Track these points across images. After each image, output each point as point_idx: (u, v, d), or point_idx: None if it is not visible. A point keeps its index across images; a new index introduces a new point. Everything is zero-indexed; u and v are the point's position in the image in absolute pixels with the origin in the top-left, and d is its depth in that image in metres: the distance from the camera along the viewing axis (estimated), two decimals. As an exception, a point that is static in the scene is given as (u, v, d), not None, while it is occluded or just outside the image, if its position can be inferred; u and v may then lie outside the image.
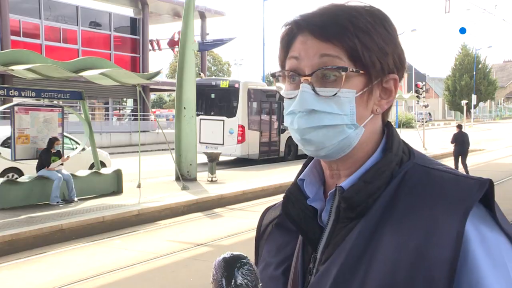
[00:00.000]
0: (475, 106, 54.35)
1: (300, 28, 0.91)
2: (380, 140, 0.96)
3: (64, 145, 13.07)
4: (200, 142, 17.24)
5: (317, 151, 0.92)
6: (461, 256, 0.81)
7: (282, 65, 0.95)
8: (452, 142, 15.14)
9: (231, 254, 1.00)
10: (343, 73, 0.88)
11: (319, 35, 0.89)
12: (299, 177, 1.01)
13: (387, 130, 0.97)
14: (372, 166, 0.92)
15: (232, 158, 19.41)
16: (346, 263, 0.88)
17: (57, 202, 10.01)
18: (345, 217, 0.91)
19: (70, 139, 13.85)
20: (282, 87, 0.95)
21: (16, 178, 10.76)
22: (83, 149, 13.15)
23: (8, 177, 11.31)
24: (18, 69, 9.67)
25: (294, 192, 0.99)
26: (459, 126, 15.91)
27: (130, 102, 34.66)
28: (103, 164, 14.41)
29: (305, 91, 0.89)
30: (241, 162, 18.68)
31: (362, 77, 0.90)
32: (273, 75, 0.96)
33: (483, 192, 0.85)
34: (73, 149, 13.25)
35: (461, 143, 14.81)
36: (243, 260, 0.98)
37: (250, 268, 0.96)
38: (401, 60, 0.94)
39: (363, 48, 0.88)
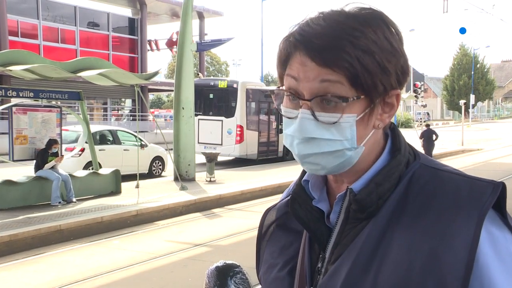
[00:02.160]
0: (473, 106, 54.33)
1: (299, 48, 0.87)
2: (384, 143, 0.96)
3: (129, 141, 13.94)
4: (198, 143, 17.24)
5: (316, 171, 0.92)
6: None
7: (281, 80, 0.93)
8: (420, 138, 18.42)
9: (224, 263, 0.99)
10: (344, 104, 0.86)
11: (318, 60, 0.85)
12: (303, 178, 1.00)
13: (393, 132, 0.97)
14: (382, 168, 0.92)
15: (231, 158, 19.40)
16: (357, 262, 0.88)
17: (59, 202, 10.02)
18: (355, 218, 0.91)
19: (135, 136, 14.20)
20: (280, 101, 0.93)
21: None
22: (146, 145, 15.02)
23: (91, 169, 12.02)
24: (16, 70, 9.65)
25: (300, 193, 0.99)
26: (427, 125, 19.55)
27: (128, 103, 34.63)
28: (161, 160, 15.92)
29: (305, 117, 0.87)
30: (239, 162, 18.68)
31: (363, 101, 0.88)
32: (272, 92, 0.94)
33: (497, 195, 0.85)
34: (138, 145, 13.74)
35: (427, 139, 18.05)
36: (236, 269, 0.97)
37: (243, 277, 0.96)
38: (403, 72, 0.90)
39: (365, 72, 0.84)
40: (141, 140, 15.23)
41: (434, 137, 17.99)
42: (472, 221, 0.82)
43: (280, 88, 0.92)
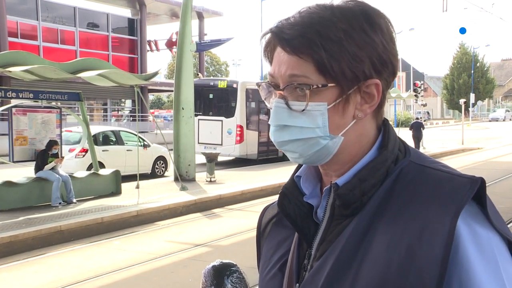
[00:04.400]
0: (473, 105, 54.32)
1: (274, 41, 0.92)
2: (375, 138, 0.96)
3: (132, 142, 14.14)
4: (198, 143, 17.24)
5: (296, 159, 0.95)
6: (452, 252, 0.81)
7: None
8: (410, 129, 22.37)
9: (221, 262, 1.00)
10: (307, 91, 0.88)
11: (287, 48, 0.89)
12: (296, 174, 1.01)
13: (384, 128, 0.97)
14: (367, 164, 0.93)
15: (231, 158, 19.41)
16: (339, 260, 0.88)
17: (59, 203, 10.02)
18: (340, 214, 0.92)
19: (139, 137, 14.34)
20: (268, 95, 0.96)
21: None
22: (149, 146, 15.32)
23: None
24: (16, 71, 9.65)
25: (290, 189, 1.00)
26: (417, 118, 24.34)
27: (128, 103, 34.67)
28: (164, 160, 16.09)
29: (278, 106, 0.91)
30: (239, 162, 18.68)
31: (334, 89, 0.89)
32: (258, 84, 0.98)
33: (475, 191, 0.85)
34: (141, 145, 13.86)
35: (416, 129, 22.06)
36: (233, 268, 0.98)
37: (239, 276, 0.96)
38: (382, 61, 0.90)
39: (331, 60, 0.87)
40: (143, 140, 15.34)
41: (421, 128, 22.21)
42: (448, 216, 0.82)
43: (263, 81, 0.96)
